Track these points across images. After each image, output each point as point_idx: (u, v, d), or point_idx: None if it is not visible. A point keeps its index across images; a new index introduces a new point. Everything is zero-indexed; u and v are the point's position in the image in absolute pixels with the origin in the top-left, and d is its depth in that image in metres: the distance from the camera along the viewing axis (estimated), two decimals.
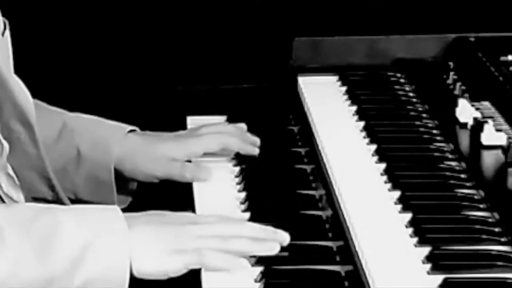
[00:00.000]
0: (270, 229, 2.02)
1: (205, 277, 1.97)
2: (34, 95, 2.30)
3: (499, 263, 1.84)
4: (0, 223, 1.84)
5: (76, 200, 2.34)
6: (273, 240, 2.00)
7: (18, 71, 2.29)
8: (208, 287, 1.94)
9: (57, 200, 2.24)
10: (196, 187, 2.34)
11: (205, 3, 3.15)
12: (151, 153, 2.35)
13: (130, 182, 2.43)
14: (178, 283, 1.99)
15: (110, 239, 1.88)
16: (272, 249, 1.99)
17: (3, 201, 2.12)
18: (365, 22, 2.97)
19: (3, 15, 2.19)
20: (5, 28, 2.19)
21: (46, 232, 1.86)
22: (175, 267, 1.94)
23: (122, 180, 2.39)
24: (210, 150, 2.38)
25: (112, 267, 1.87)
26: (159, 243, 1.94)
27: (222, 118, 2.51)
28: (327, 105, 2.50)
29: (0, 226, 1.83)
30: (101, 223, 1.90)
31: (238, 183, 2.31)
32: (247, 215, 2.16)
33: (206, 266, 1.96)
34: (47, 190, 2.23)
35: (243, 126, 2.43)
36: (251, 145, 2.40)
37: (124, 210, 1.99)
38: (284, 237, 2.00)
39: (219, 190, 2.28)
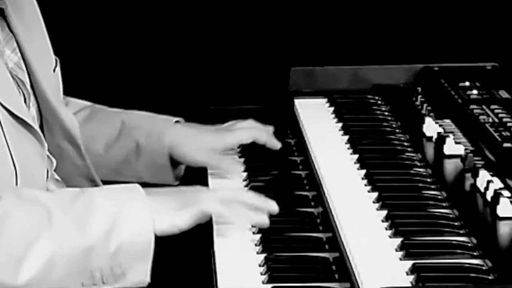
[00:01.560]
0: (264, 197, 2.04)
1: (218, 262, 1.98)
2: (97, 97, 2.31)
3: (458, 250, 1.84)
4: (48, 205, 1.83)
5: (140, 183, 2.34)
6: (265, 207, 2.01)
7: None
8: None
9: None
10: (210, 180, 2.34)
11: (219, 36, 3.13)
12: (194, 143, 2.33)
13: (179, 165, 2.39)
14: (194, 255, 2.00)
15: (133, 208, 1.87)
16: (263, 222, 2.01)
17: None
18: (349, 54, 2.96)
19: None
20: (56, 65, 2.18)
21: (83, 210, 1.85)
22: (182, 220, 1.93)
23: (173, 164, 2.37)
24: (243, 141, 2.38)
25: (138, 230, 1.85)
26: (167, 205, 1.94)
27: (250, 121, 2.47)
28: (318, 122, 2.49)
29: (49, 209, 1.82)
30: (125, 196, 1.89)
31: (246, 186, 2.31)
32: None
33: (206, 212, 1.95)
34: (91, 186, 2.19)
35: (270, 127, 2.40)
36: (276, 141, 2.38)
37: None
38: (274, 207, 2.02)
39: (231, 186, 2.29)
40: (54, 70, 2.16)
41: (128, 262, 1.84)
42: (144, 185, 2.11)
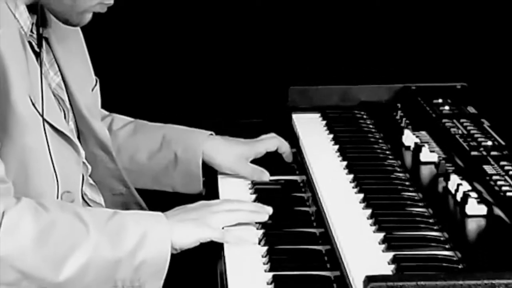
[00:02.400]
0: (259, 205, 2.07)
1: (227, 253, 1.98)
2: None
3: (433, 244, 1.85)
4: (86, 220, 1.84)
5: (172, 193, 2.34)
6: (263, 212, 2.04)
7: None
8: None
9: (129, 193, 2.24)
10: (220, 183, 2.33)
11: (229, 59, 3.12)
12: (229, 153, 2.33)
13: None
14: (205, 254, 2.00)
15: (156, 232, 1.88)
16: (263, 218, 2.04)
17: (89, 205, 2.14)
18: (339, 75, 2.94)
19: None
20: (95, 85, 2.19)
21: (116, 228, 1.86)
22: (202, 235, 1.94)
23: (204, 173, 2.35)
24: (269, 149, 2.37)
25: (159, 251, 1.86)
26: (188, 223, 1.94)
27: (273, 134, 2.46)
28: (312, 134, 2.48)
29: (87, 223, 1.83)
30: (151, 221, 1.90)
31: (251, 188, 2.30)
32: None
33: (220, 225, 1.97)
34: (123, 188, 2.22)
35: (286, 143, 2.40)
36: (291, 153, 2.39)
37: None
38: (269, 210, 2.05)
39: (238, 190, 2.28)
40: (93, 89, 2.16)
41: (146, 277, 1.85)
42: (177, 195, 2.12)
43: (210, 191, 2.29)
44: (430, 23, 3.07)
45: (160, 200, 2.35)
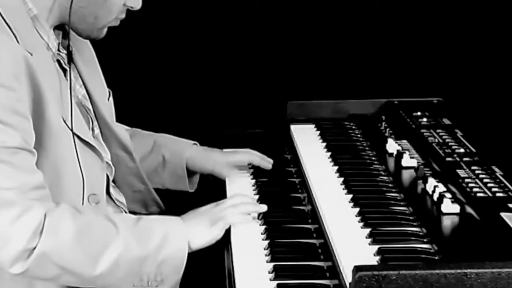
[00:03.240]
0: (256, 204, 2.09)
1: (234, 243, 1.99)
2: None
3: (412, 238, 1.85)
4: (116, 222, 1.85)
5: (162, 190, 2.34)
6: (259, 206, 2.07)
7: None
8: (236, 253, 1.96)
9: (147, 191, 2.24)
10: (228, 185, 2.34)
11: (238, 78, 3.10)
12: (206, 157, 2.34)
13: (195, 175, 2.39)
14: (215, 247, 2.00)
15: (175, 234, 1.89)
16: (263, 209, 2.07)
17: (114, 203, 2.14)
18: (331, 91, 2.92)
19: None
20: (109, 96, 2.18)
21: (142, 230, 1.87)
22: (215, 234, 1.96)
23: (190, 174, 2.36)
24: (240, 163, 2.37)
25: (178, 250, 1.88)
26: (201, 225, 1.96)
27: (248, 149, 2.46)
28: (308, 142, 2.47)
29: (117, 224, 1.84)
30: (171, 225, 1.91)
31: (253, 188, 2.30)
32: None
33: (231, 223, 1.99)
34: (141, 185, 2.21)
35: (263, 155, 2.40)
36: (267, 162, 2.37)
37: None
38: (264, 209, 2.08)
39: (244, 191, 2.26)
40: (108, 99, 2.16)
41: (167, 272, 1.86)
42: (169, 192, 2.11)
43: (219, 193, 2.29)
44: (411, 46, 3.07)
45: (175, 199, 2.35)
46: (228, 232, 2.03)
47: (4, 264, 1.74)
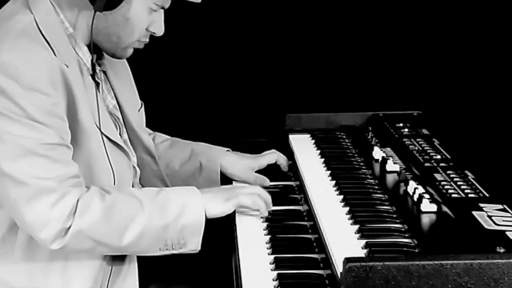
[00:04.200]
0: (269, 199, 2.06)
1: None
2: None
3: (395, 233, 1.85)
4: (139, 197, 1.86)
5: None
6: (269, 205, 2.05)
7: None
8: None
9: None
10: (234, 184, 2.30)
11: (247, 94, 3.10)
12: (239, 165, 2.30)
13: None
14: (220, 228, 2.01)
15: (193, 201, 1.89)
16: (265, 213, 2.05)
17: None
18: (325, 106, 2.94)
19: None
20: (141, 107, 2.18)
21: (163, 201, 1.87)
22: (228, 207, 1.96)
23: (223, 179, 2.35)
24: (270, 162, 2.34)
25: (196, 216, 1.88)
26: (217, 198, 1.95)
27: (273, 150, 2.44)
28: (304, 150, 2.46)
29: (140, 199, 1.85)
30: (188, 194, 1.92)
31: None
32: None
33: (241, 203, 1.99)
34: (163, 186, 2.19)
35: (284, 157, 2.38)
36: (287, 164, 2.37)
37: None
38: (270, 207, 2.06)
39: None
40: (139, 110, 2.15)
41: (188, 236, 1.86)
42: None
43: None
44: (396, 67, 3.08)
45: None
46: (234, 227, 2.03)
47: (45, 242, 1.77)
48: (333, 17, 3.03)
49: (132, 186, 2.08)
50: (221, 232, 2.05)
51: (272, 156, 2.35)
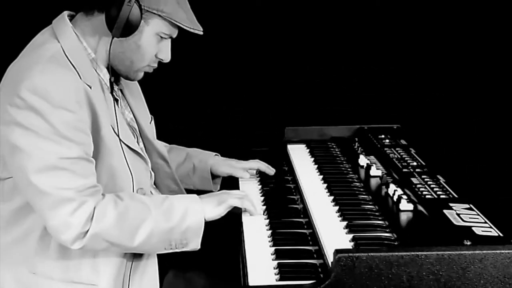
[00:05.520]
0: (254, 204, 2.03)
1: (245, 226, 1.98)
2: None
3: (378, 228, 1.84)
4: (148, 204, 1.84)
5: (193, 190, 2.30)
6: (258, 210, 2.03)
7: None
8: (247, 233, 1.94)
9: (179, 191, 2.19)
10: (241, 187, 2.30)
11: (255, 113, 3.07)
12: (225, 164, 2.29)
13: (217, 178, 2.35)
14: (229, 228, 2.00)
15: (193, 207, 1.88)
16: (258, 213, 2.03)
17: None
18: (318, 120, 2.93)
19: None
20: (151, 120, 2.16)
21: (167, 207, 1.86)
22: (220, 211, 1.94)
23: (213, 178, 2.33)
24: (252, 169, 2.33)
25: (196, 219, 1.86)
26: (211, 203, 1.93)
27: (257, 159, 2.41)
28: (300, 158, 2.46)
29: (148, 205, 1.84)
30: (189, 201, 1.90)
31: (260, 191, 2.27)
32: (263, 204, 2.15)
33: (232, 205, 1.96)
34: (175, 186, 2.17)
35: (268, 164, 2.36)
36: (270, 170, 2.33)
37: None
38: (259, 212, 2.03)
39: (252, 192, 2.23)
40: (150, 122, 2.15)
41: (190, 237, 1.85)
42: (199, 192, 2.11)
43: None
44: (379, 87, 3.07)
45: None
46: (241, 223, 2.02)
47: (67, 243, 1.76)
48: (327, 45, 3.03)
49: None
50: (229, 227, 2.04)
51: (254, 164, 2.34)
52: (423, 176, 2.11)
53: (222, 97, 3.05)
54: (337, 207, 1.99)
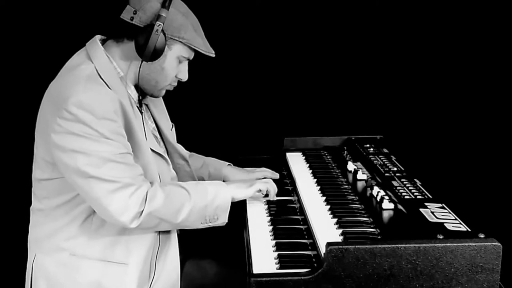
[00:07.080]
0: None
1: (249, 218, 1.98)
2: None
3: (364, 224, 1.84)
4: (186, 188, 1.89)
5: None
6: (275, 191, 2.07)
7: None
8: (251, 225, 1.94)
9: None
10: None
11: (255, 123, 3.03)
12: (237, 174, 2.27)
13: None
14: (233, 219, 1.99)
15: (222, 188, 1.93)
16: (273, 197, 2.08)
17: None
18: (312, 131, 2.88)
19: None
20: (172, 127, 2.16)
21: (202, 190, 1.90)
22: (249, 191, 2.00)
23: None
24: (260, 177, 2.28)
25: (225, 200, 1.91)
26: (242, 185, 2.00)
27: (263, 168, 2.38)
28: (297, 164, 2.44)
29: (187, 189, 1.89)
30: (218, 183, 1.95)
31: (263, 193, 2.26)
32: (265, 203, 2.14)
33: (259, 188, 2.02)
34: None
35: (273, 171, 2.33)
36: (275, 176, 2.30)
37: None
38: (275, 197, 2.08)
39: (256, 194, 2.16)
40: (171, 129, 2.15)
41: (220, 213, 1.90)
42: None
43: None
44: (367, 101, 3.06)
45: None
46: (246, 219, 2.01)
47: (126, 224, 1.78)
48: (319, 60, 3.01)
49: None
50: (237, 224, 2.03)
51: (263, 173, 2.33)
52: (402, 180, 2.11)
53: (229, 109, 3.03)
54: (328, 206, 1.98)
